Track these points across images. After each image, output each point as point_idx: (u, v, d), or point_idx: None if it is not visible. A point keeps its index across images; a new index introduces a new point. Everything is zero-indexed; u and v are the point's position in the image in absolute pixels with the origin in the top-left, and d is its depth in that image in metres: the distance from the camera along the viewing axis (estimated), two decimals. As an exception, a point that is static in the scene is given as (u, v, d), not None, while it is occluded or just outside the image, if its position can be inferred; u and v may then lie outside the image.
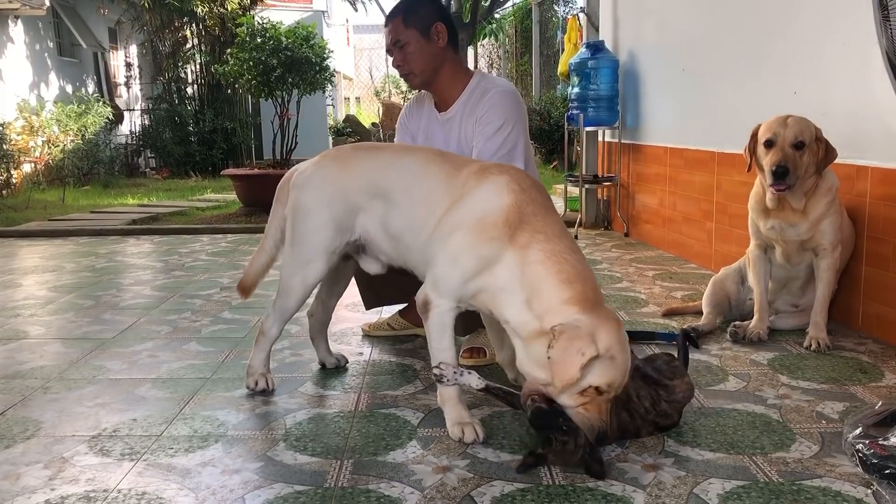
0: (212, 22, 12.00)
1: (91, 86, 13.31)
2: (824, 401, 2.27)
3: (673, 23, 4.84)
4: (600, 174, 5.99)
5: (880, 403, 2.02)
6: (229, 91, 12.08)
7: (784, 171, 2.69)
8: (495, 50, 17.49)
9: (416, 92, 2.85)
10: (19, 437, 2.09)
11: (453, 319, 2.03)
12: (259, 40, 7.17)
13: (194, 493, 1.75)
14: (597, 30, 6.04)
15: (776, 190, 2.74)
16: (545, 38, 13.19)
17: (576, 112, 5.63)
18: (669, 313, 3.28)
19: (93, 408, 2.31)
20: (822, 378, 2.47)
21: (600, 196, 6.02)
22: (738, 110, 3.89)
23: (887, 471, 1.70)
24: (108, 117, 11.51)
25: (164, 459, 1.93)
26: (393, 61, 2.68)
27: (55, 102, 11.08)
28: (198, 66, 12.77)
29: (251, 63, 7.08)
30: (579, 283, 1.83)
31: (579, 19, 6.38)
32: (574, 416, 1.75)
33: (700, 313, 3.12)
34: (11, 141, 9.41)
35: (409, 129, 2.84)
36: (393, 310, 3.13)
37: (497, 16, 15.39)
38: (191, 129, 12.36)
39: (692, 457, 1.90)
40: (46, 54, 12.01)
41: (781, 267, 2.95)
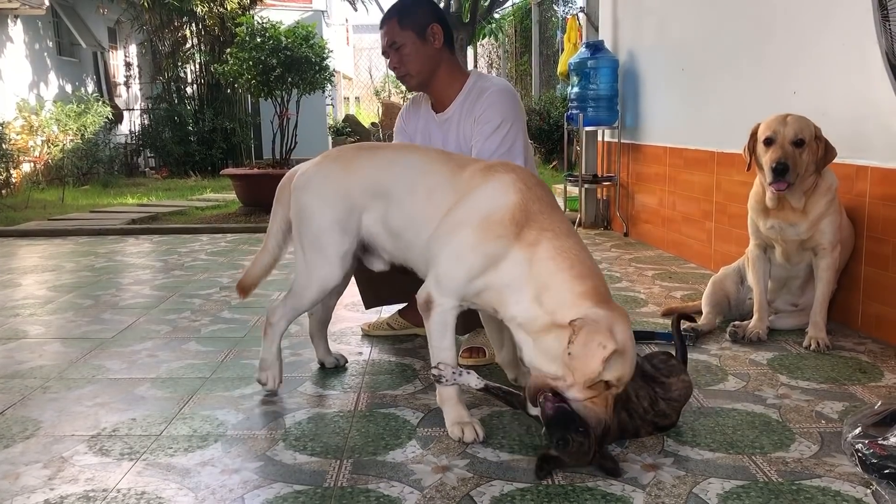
0: (211, 21, 11.99)
1: (90, 85, 13.30)
2: (824, 400, 2.27)
3: (673, 23, 4.84)
4: (600, 174, 5.99)
5: (879, 403, 2.02)
6: (229, 91, 12.06)
7: (784, 168, 2.69)
8: (495, 50, 17.49)
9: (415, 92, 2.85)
10: (18, 437, 2.09)
11: (455, 318, 2.02)
12: (259, 40, 7.17)
13: (194, 493, 1.75)
14: (596, 29, 6.04)
15: (776, 189, 2.74)
16: (545, 37, 13.18)
17: (575, 112, 5.63)
18: (669, 313, 3.28)
19: (92, 407, 2.31)
20: (822, 378, 2.47)
21: (600, 196, 6.02)
22: (738, 110, 3.88)
23: (886, 470, 1.70)
24: (107, 117, 11.51)
25: (163, 459, 1.93)
26: (389, 63, 2.67)
27: (55, 102, 11.08)
28: (197, 66, 12.77)
29: (251, 63, 7.08)
30: (591, 278, 1.84)
31: (579, 19, 6.38)
32: (581, 410, 1.75)
33: (699, 313, 3.13)
34: (11, 140, 9.40)
35: (406, 131, 2.83)
36: (392, 309, 3.12)
37: (497, 15, 15.40)
38: (190, 128, 12.34)
39: (692, 456, 1.90)
40: (46, 54, 12.00)
41: (781, 267, 2.95)
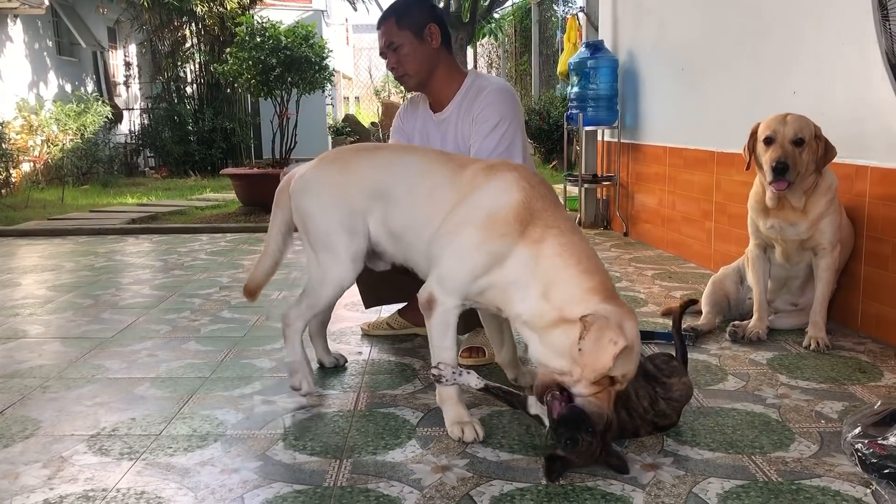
0: (211, 21, 11.99)
1: (90, 85, 13.30)
2: (823, 400, 2.27)
3: (672, 22, 4.84)
4: (599, 174, 5.99)
5: (879, 403, 2.02)
6: (228, 90, 12.06)
7: (784, 167, 2.68)
8: (494, 49, 17.50)
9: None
10: (18, 437, 2.09)
11: (457, 318, 2.01)
12: (258, 39, 7.17)
13: (193, 493, 1.75)
14: (596, 29, 6.04)
15: (777, 189, 2.74)
16: (544, 37, 13.19)
17: (575, 111, 5.63)
18: (669, 313, 3.28)
19: (92, 407, 2.30)
20: (822, 378, 2.47)
21: (599, 196, 6.02)
22: (738, 110, 3.88)
23: (886, 470, 1.70)
24: (107, 116, 11.50)
25: (162, 459, 1.93)
26: (387, 64, 2.67)
27: (54, 101, 11.07)
28: (197, 66, 12.76)
29: (250, 62, 7.08)
30: (598, 274, 1.84)
31: (579, 19, 6.38)
32: (584, 405, 1.75)
33: (699, 313, 3.13)
34: (10, 140, 9.39)
35: (404, 130, 2.83)
36: (392, 309, 3.12)
37: (496, 15, 15.40)
38: (190, 128, 12.34)
39: (691, 456, 1.90)
40: (45, 53, 11.99)
41: (781, 266, 2.95)
